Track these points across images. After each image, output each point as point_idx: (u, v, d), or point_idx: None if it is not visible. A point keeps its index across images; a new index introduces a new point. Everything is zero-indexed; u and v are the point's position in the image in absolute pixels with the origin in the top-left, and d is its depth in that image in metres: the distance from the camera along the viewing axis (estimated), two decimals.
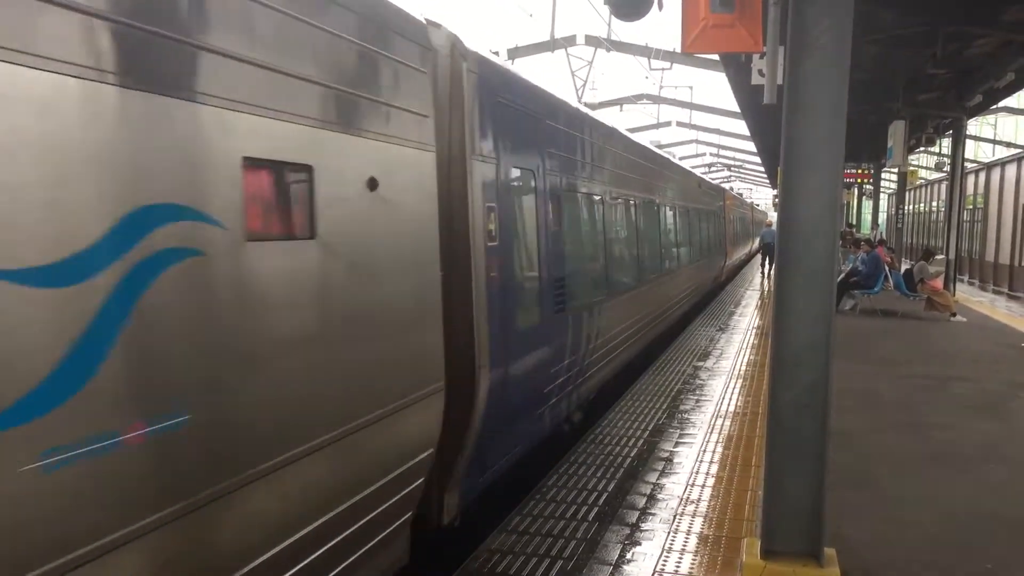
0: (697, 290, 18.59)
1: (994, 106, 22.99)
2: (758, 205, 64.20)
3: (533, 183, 6.51)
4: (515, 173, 6.07)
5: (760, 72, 10.64)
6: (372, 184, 3.94)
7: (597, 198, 8.93)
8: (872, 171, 29.35)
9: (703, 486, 6.24)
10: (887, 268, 17.91)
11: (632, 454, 7.02)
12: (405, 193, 4.28)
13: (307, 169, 3.47)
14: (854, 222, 38.35)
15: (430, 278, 4.60)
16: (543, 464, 7.11)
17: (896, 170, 25.48)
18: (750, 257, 41.09)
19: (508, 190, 5.84)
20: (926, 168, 38.17)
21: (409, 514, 4.54)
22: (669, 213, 14.33)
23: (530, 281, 6.37)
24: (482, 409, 5.23)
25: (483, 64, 5.42)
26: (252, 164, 3.11)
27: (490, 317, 5.29)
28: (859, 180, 30.01)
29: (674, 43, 24.52)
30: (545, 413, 6.81)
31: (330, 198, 3.60)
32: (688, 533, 5.35)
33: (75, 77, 2.39)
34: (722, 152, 48.42)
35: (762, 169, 50.06)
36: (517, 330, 5.89)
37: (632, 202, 10.94)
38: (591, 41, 22.03)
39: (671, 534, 5.33)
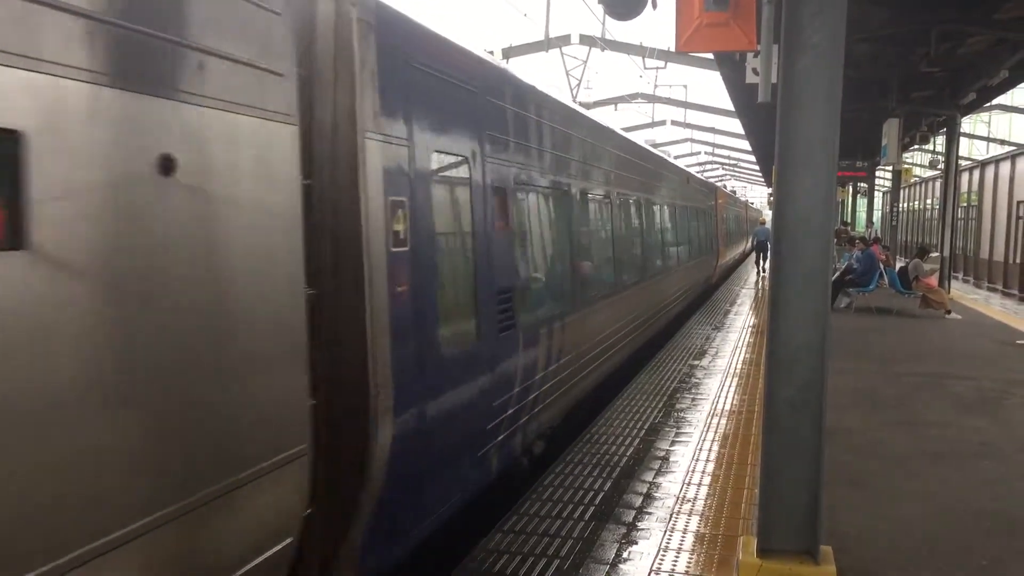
0: (687, 293, 17.78)
1: (988, 104, 23.06)
2: (752, 203, 64.12)
3: (467, 173, 5.30)
4: (438, 160, 4.84)
5: (754, 71, 10.64)
6: (165, 165, 2.69)
7: (561, 193, 7.72)
8: (867, 169, 29.43)
9: (699, 485, 6.25)
10: (882, 266, 17.94)
11: (628, 453, 7.03)
12: (236, 180, 3.06)
13: (9, 138, 2.22)
14: (849, 220, 38.45)
15: (284, 299, 3.35)
16: (539, 466, 7.11)
17: (891, 168, 25.55)
18: (744, 256, 40.87)
19: (427, 181, 4.60)
20: (920, 166, 38.28)
21: None
22: (653, 211, 13.25)
23: (462, 294, 5.23)
24: (383, 465, 4.07)
25: (386, 15, 4.20)
26: None
27: (396, 345, 4.12)
28: (854, 178, 30.08)
29: (668, 42, 24.58)
30: (491, 452, 5.69)
31: (65, 186, 2.37)
32: (685, 532, 5.35)
33: None
34: (717, 151, 48.51)
35: (757, 168, 50.16)
36: (441, 358, 4.72)
37: (607, 199, 9.81)
38: (585, 40, 22.06)
39: (667, 533, 5.33)
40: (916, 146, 27.80)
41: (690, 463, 6.76)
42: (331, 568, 4.00)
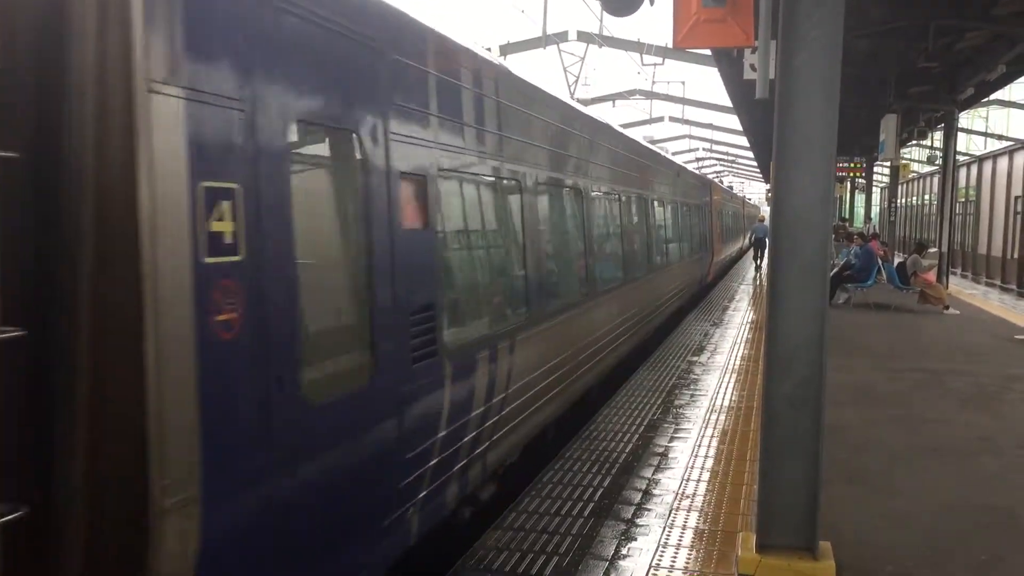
0: (680, 294, 16.47)
1: (985, 99, 23.08)
2: (750, 199, 63.76)
3: (359, 154, 3.98)
4: (305, 133, 3.62)
5: (752, 67, 10.62)
6: None
7: (510, 185, 6.33)
8: (864, 165, 29.45)
9: (698, 481, 6.25)
10: (880, 261, 17.95)
11: (627, 450, 7.03)
12: None
13: None
14: (847, 216, 38.48)
15: None
16: (540, 459, 7.11)
17: (888, 164, 25.57)
18: (742, 253, 40.07)
19: (282, 162, 3.30)
20: (918, 162, 38.30)
21: None
22: (637, 207, 11.91)
23: (347, 317, 4.02)
24: None
25: None
26: None
27: (212, 401, 2.84)
28: (852, 174, 30.11)
29: (666, 38, 24.57)
30: (408, 515, 4.43)
31: None
32: (684, 528, 5.36)
33: None
34: (715, 147, 48.51)
35: (755, 164, 50.18)
36: (306, 408, 3.40)
37: (576, 192, 8.40)
38: (583, 37, 22.04)
39: (667, 529, 5.33)
40: (914, 142, 27.83)
41: (689, 459, 6.76)
42: None
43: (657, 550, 5.01)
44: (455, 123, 5.16)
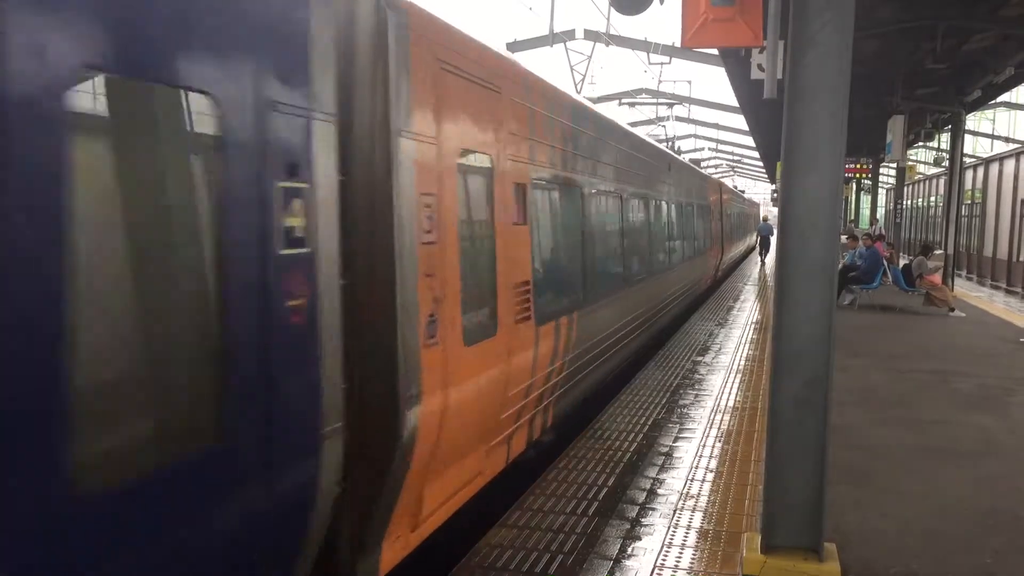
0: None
1: (993, 101, 23.02)
2: (742, 191, 59.71)
3: None
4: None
5: (760, 67, 10.60)
6: None
7: None
8: (871, 166, 29.40)
9: (703, 481, 6.24)
10: (886, 263, 17.92)
11: (632, 449, 7.02)
12: None
13: None
14: (853, 217, 38.40)
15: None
16: (543, 461, 7.11)
17: (895, 165, 25.52)
18: (715, 287, 23.15)
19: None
20: (925, 163, 38.22)
21: None
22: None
23: None
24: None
25: None
26: None
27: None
28: (858, 175, 30.07)
29: (674, 37, 24.54)
30: None
31: None
32: (688, 528, 5.35)
33: None
34: (721, 147, 48.46)
35: (760, 165, 50.11)
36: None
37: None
38: (590, 35, 22.01)
39: (671, 529, 5.33)
40: (921, 143, 27.77)
41: (694, 459, 6.76)
42: None
43: (662, 550, 5.01)
44: None
